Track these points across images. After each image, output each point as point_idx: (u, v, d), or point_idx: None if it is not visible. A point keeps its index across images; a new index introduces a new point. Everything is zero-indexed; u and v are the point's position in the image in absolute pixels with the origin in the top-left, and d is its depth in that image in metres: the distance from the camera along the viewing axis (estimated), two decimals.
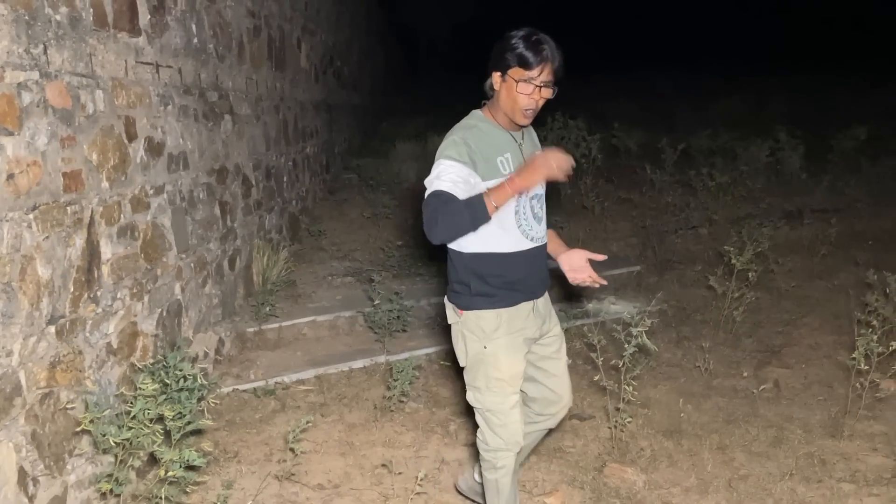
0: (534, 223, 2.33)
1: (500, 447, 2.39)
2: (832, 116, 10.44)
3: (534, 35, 2.17)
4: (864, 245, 5.99)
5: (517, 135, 2.34)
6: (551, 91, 2.21)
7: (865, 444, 3.28)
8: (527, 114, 2.22)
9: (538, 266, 2.39)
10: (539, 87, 2.17)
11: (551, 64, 2.16)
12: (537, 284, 2.40)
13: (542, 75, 2.16)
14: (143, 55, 3.27)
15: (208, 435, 3.31)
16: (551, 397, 2.52)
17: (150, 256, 3.32)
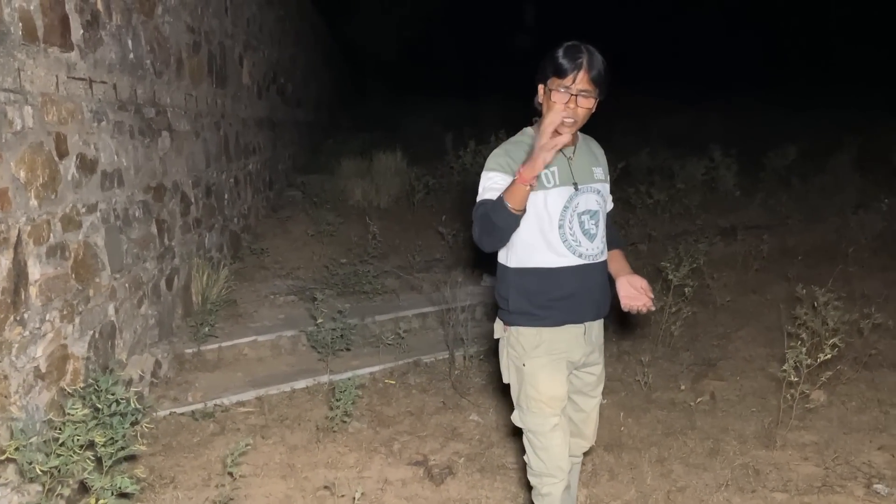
0: (583, 238, 2.23)
1: (543, 472, 2.30)
2: (764, 136, 10.86)
3: (574, 44, 2.12)
4: (795, 260, 6.22)
5: (567, 149, 2.25)
6: (590, 101, 2.12)
7: (797, 453, 3.39)
8: (566, 123, 2.11)
9: (589, 286, 2.26)
10: (574, 96, 2.10)
11: (587, 72, 2.08)
12: (587, 306, 2.27)
13: (578, 83, 2.08)
14: (75, 70, 3.19)
15: (143, 460, 3.20)
16: (573, 430, 2.43)
17: (81, 277, 3.22)
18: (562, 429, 2.30)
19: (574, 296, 2.23)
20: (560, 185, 2.20)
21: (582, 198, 2.23)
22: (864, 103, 13.51)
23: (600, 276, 2.29)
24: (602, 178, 2.31)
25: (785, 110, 13.49)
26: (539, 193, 2.18)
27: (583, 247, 2.23)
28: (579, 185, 2.23)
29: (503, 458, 3.39)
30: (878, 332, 4.51)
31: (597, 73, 2.09)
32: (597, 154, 2.36)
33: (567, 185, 2.21)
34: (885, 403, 3.85)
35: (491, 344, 4.62)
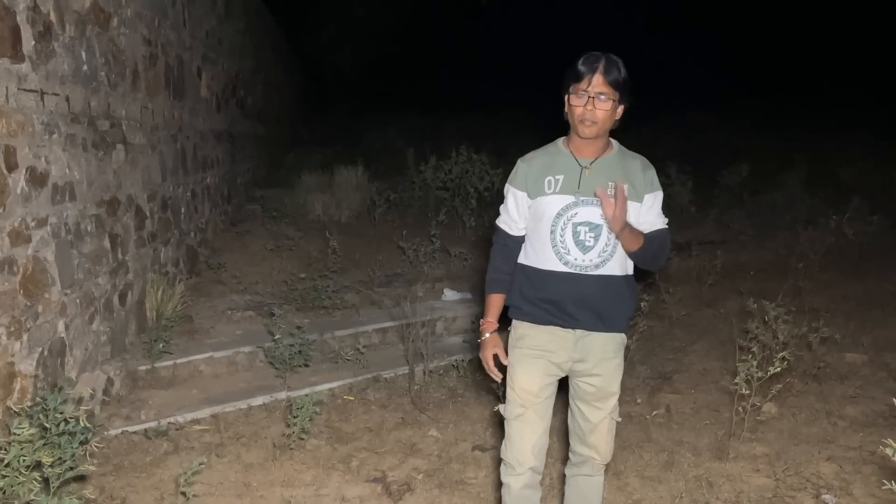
0: (573, 248, 2.27)
1: (505, 460, 2.46)
2: (717, 154, 11.13)
3: (594, 53, 2.20)
4: (747, 275, 6.37)
5: (585, 160, 2.29)
6: (608, 104, 2.17)
7: (749, 465, 3.45)
8: (585, 124, 2.19)
9: (580, 295, 2.29)
10: (592, 98, 2.16)
11: (603, 75, 2.15)
12: (580, 314, 2.30)
13: (594, 86, 2.15)
14: (26, 82, 3.12)
15: (93, 481, 3.12)
16: (583, 438, 2.48)
17: (30, 292, 3.14)
18: (527, 423, 2.38)
19: (561, 302, 2.30)
20: (559, 193, 2.27)
21: (582, 209, 2.26)
22: (813, 122, 13.95)
23: (596, 289, 2.29)
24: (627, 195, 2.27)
25: (736, 128, 13.85)
26: (540, 199, 2.30)
27: (571, 255, 2.27)
28: (582, 196, 2.26)
29: (462, 474, 3.39)
30: (827, 345, 4.63)
31: (614, 77, 2.16)
32: (630, 170, 2.31)
33: (568, 194, 2.27)
34: (834, 415, 3.96)
35: (451, 359, 4.64)
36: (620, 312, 2.36)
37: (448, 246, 6.64)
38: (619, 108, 2.24)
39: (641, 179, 2.31)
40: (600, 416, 2.43)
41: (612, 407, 2.44)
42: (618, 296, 2.33)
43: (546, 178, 2.29)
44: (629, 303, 2.38)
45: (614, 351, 2.38)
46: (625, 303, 2.36)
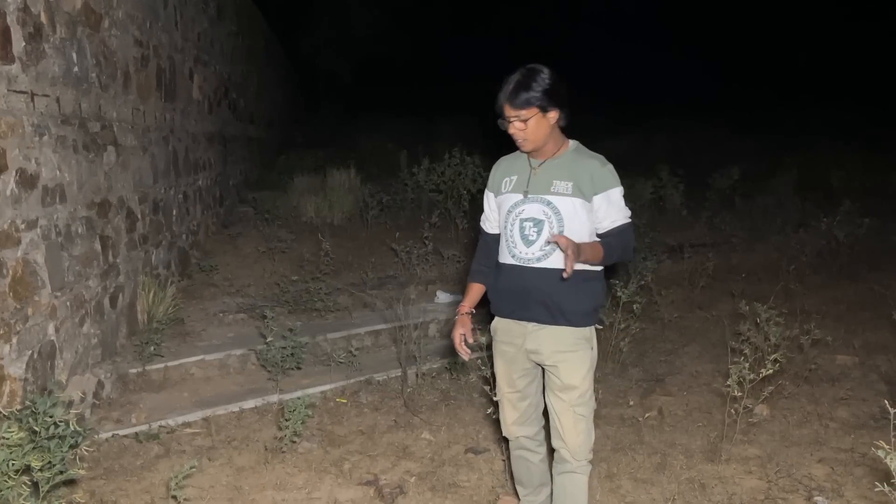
0: (519, 242, 2.44)
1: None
2: (709, 157, 11.17)
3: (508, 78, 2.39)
4: (739, 277, 6.39)
5: (536, 161, 2.48)
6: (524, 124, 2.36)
7: (741, 467, 3.46)
8: (519, 143, 2.44)
9: (527, 287, 2.43)
10: (510, 122, 2.38)
11: (509, 103, 2.35)
12: (530, 307, 2.45)
13: (507, 113, 2.37)
14: (16, 83, 3.10)
15: (83, 485, 3.10)
16: (554, 430, 2.55)
17: (19, 295, 3.11)
18: (508, 403, 2.64)
19: (514, 293, 2.48)
20: (511, 192, 2.49)
21: (528, 206, 2.43)
22: (804, 125, 14.04)
23: (540, 281, 2.42)
24: (565, 191, 2.39)
25: (728, 132, 13.92)
26: (500, 197, 2.54)
27: (517, 249, 2.45)
28: (529, 194, 2.44)
29: (455, 477, 3.38)
30: (818, 347, 4.65)
31: (521, 99, 2.32)
32: (578, 169, 2.42)
33: (518, 192, 2.47)
34: (825, 417, 3.97)
35: (443, 361, 4.64)
36: (572, 306, 2.43)
37: (441, 248, 6.63)
38: (551, 114, 2.37)
39: (588, 178, 2.40)
40: (562, 406, 2.49)
41: (576, 400, 2.47)
42: (566, 291, 2.40)
43: (505, 179, 2.54)
44: (584, 297, 2.44)
45: (572, 344, 2.45)
46: (578, 297, 2.43)
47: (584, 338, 2.47)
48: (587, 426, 2.52)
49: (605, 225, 2.41)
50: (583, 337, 2.47)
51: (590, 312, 2.48)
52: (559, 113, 2.39)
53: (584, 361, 2.47)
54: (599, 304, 2.53)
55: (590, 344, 2.50)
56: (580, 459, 2.53)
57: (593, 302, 2.48)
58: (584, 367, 2.46)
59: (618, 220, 2.41)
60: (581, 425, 2.50)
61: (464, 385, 4.43)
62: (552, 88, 2.34)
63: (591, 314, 2.49)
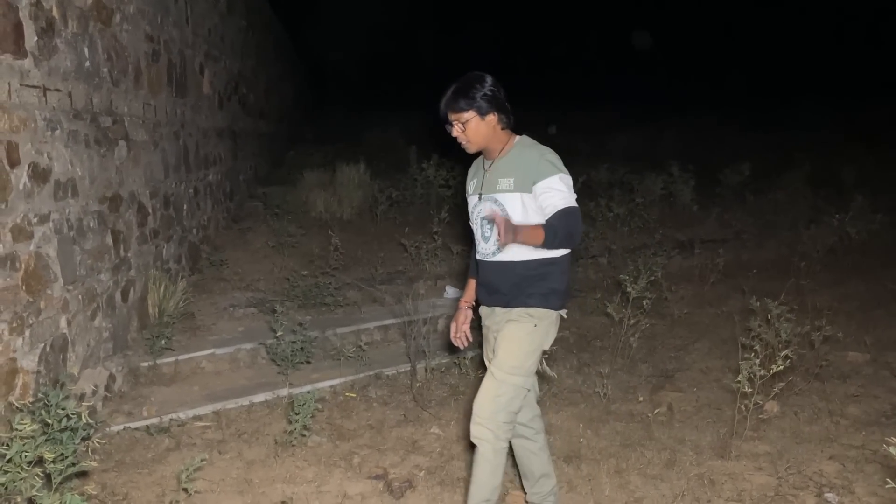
0: (481, 240, 2.67)
1: None
2: (719, 153, 11.12)
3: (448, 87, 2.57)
4: (749, 274, 6.37)
5: (488, 163, 2.65)
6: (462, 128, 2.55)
7: (751, 463, 3.45)
8: (463, 145, 2.62)
9: (488, 278, 2.66)
10: (453, 127, 2.57)
11: (446, 110, 2.56)
12: (486, 294, 2.70)
13: (448, 116, 2.57)
14: (28, 78, 3.12)
15: (95, 477, 3.12)
16: None
17: (32, 288, 3.14)
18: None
19: (483, 285, 2.71)
20: (472, 194, 2.70)
21: (483, 205, 2.61)
22: (816, 121, 13.95)
23: (497, 274, 2.62)
24: (507, 188, 2.52)
25: (738, 127, 13.84)
26: (468, 199, 2.73)
27: (480, 245, 2.68)
28: (483, 195, 2.62)
29: (464, 471, 3.38)
30: (829, 344, 4.63)
31: (457, 106, 2.52)
32: (518, 164, 2.54)
33: (476, 194, 2.67)
34: (836, 414, 3.95)
35: (453, 357, 4.64)
36: (529, 290, 2.57)
37: (450, 243, 6.63)
38: (489, 118, 2.54)
39: (528, 170, 2.50)
40: (490, 365, 2.62)
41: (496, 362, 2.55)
42: (521, 280, 2.56)
43: (470, 182, 2.76)
44: (540, 282, 2.56)
45: (516, 315, 2.58)
46: (533, 282, 2.56)
47: (529, 314, 2.56)
48: (494, 390, 2.52)
49: (548, 211, 2.46)
50: (528, 314, 2.56)
51: (545, 294, 2.56)
52: (497, 116, 2.54)
53: (518, 331, 2.55)
54: (557, 289, 2.58)
55: (534, 321, 2.55)
56: (480, 422, 2.53)
57: (549, 285, 2.57)
58: (515, 336, 2.55)
59: (559, 204, 2.44)
60: (487, 384, 2.54)
61: (473, 380, 4.43)
62: (489, 94, 2.51)
63: (545, 296, 2.56)
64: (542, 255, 2.54)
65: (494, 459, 2.54)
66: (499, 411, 2.51)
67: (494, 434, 2.52)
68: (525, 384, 2.57)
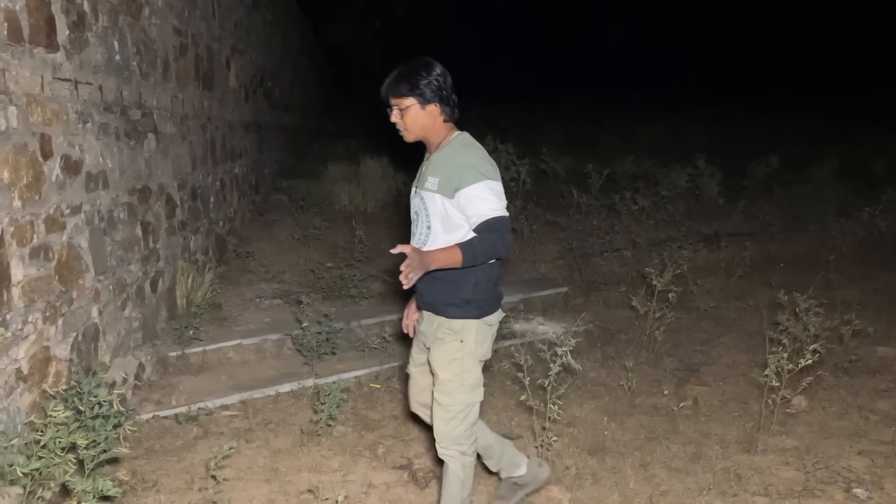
0: (413, 234, 2.58)
1: None
2: (746, 145, 10.97)
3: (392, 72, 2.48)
4: (777, 267, 6.30)
5: (427, 156, 2.58)
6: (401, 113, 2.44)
7: (778, 458, 3.42)
8: (401, 133, 2.51)
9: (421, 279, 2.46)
10: (392, 112, 2.47)
11: (388, 92, 2.45)
12: (418, 294, 2.62)
13: (390, 103, 2.46)
14: (60, 71, 3.17)
15: (125, 464, 3.18)
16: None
17: (65, 278, 3.20)
18: (412, 378, 2.79)
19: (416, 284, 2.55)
20: (413, 187, 2.63)
21: (415, 200, 2.57)
22: (845, 113, 13.70)
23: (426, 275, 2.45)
24: (432, 187, 2.42)
25: (766, 120, 13.65)
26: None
27: (411, 240, 2.55)
28: (417, 188, 2.57)
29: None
30: (858, 338, 4.57)
31: (399, 90, 2.42)
32: (448, 165, 2.41)
33: (414, 187, 2.61)
34: (865, 409, 3.91)
35: None
36: (439, 299, 2.48)
37: None
38: (430, 107, 2.42)
39: (453, 174, 2.38)
40: (435, 393, 2.56)
41: (437, 386, 2.53)
42: (436, 282, 2.45)
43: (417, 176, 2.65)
44: (451, 290, 2.45)
45: (441, 333, 2.50)
46: (444, 290, 2.46)
47: (450, 329, 2.47)
48: (444, 415, 2.52)
49: (473, 220, 2.35)
50: (450, 328, 2.48)
51: (459, 304, 2.45)
52: (440, 107, 2.42)
53: (448, 351, 2.48)
54: (468, 297, 2.45)
55: (458, 336, 2.47)
56: (444, 446, 2.57)
57: (460, 294, 2.44)
58: (445, 356, 2.48)
59: (485, 214, 2.32)
60: (438, 412, 2.54)
61: (496, 373, 4.44)
62: (435, 83, 2.40)
63: (460, 306, 2.45)
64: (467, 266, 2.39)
65: (463, 473, 2.60)
66: (456, 430, 2.54)
67: (460, 451, 2.57)
68: (473, 398, 2.54)
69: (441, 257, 2.27)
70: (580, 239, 6.80)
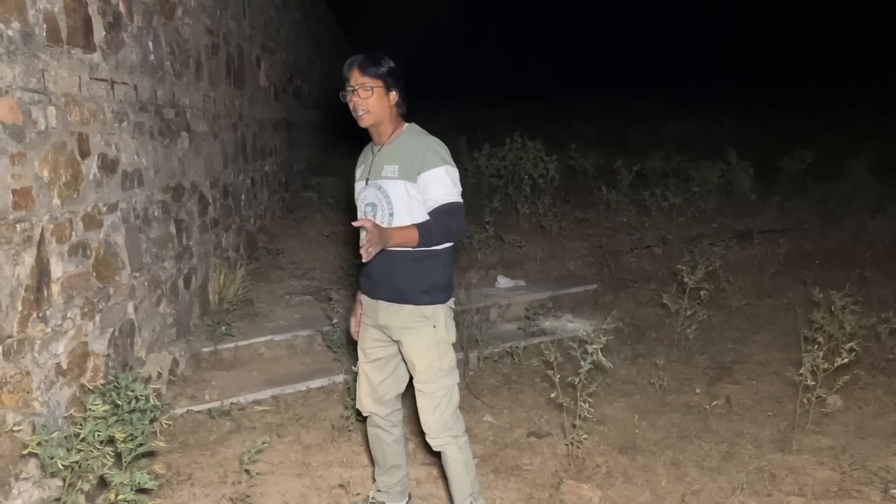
0: None
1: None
2: (779, 140, 10.78)
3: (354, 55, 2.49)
4: (811, 264, 6.19)
5: (377, 148, 2.56)
6: (368, 92, 2.42)
7: (813, 458, 3.37)
8: (358, 115, 2.46)
9: (371, 268, 2.53)
10: (355, 90, 2.43)
11: (359, 69, 2.43)
12: (378, 286, 2.56)
13: (353, 80, 2.43)
14: (97, 71, 3.23)
15: (161, 457, 3.24)
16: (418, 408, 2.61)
17: (102, 275, 3.26)
18: (363, 375, 2.71)
19: (367, 274, 2.60)
20: (359, 180, 2.60)
21: (368, 191, 2.52)
22: (879, 107, 13.39)
23: (380, 263, 2.46)
24: (392, 175, 2.45)
25: (799, 114, 13.40)
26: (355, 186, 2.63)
27: (362, 232, 2.41)
28: (370, 180, 2.53)
29: (517, 459, 3.40)
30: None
31: (370, 70, 2.42)
32: (405, 151, 2.46)
33: (362, 179, 2.57)
34: None
35: (505, 346, 4.64)
36: (407, 285, 2.49)
37: (502, 233, 6.62)
38: (392, 94, 2.48)
39: (413, 159, 2.43)
40: (418, 386, 2.56)
41: (419, 377, 2.54)
42: (404, 270, 2.48)
43: (357, 169, 2.65)
44: (419, 276, 2.49)
45: (412, 321, 2.51)
46: (412, 276, 2.48)
47: (422, 316, 2.50)
48: (430, 404, 2.54)
49: (430, 204, 2.42)
50: (422, 315, 2.50)
51: (428, 290, 2.50)
52: (398, 97, 2.49)
53: (423, 338, 2.51)
54: (439, 282, 2.53)
55: (431, 322, 2.51)
56: (435, 436, 2.57)
57: (430, 280, 2.50)
58: (422, 344, 2.51)
59: (442, 199, 2.40)
60: (423, 402, 2.56)
61: (525, 370, 4.43)
62: (397, 72, 2.48)
63: (429, 292, 2.51)
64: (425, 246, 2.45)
65: (462, 455, 2.62)
66: (444, 415, 2.56)
67: (452, 435, 2.58)
68: (452, 380, 2.59)
69: (399, 234, 2.33)
70: (609, 236, 6.76)
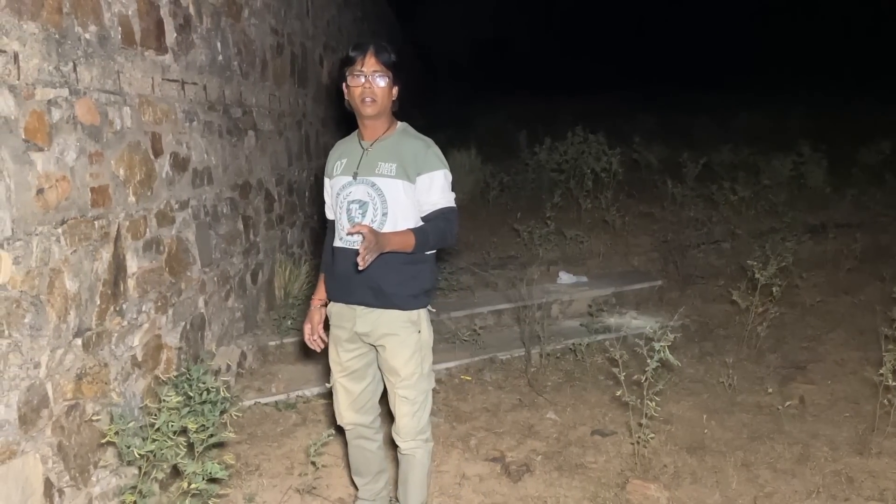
0: (346, 224, 2.41)
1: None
2: (854, 130, 10.34)
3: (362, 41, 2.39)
4: (890, 260, 5.91)
5: (367, 143, 2.44)
6: (384, 80, 2.32)
7: (894, 462, 3.22)
8: (366, 102, 2.32)
9: (351, 270, 2.32)
10: (368, 77, 2.30)
11: (375, 56, 2.30)
12: (355, 289, 2.42)
13: (367, 66, 2.30)
14: (169, 72, 3.33)
15: (230, 448, 3.32)
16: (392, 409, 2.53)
17: (174, 270, 3.36)
18: (340, 387, 2.60)
19: (341, 276, 2.44)
20: (341, 175, 2.45)
21: (356, 188, 2.40)
22: None
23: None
24: (389, 173, 2.35)
25: (875, 104, 12.80)
26: (332, 181, 2.51)
27: (344, 231, 2.41)
28: (358, 176, 2.39)
29: (581, 458, 3.36)
30: None
31: (385, 58, 2.32)
32: (403, 150, 2.38)
33: (347, 174, 2.42)
34: None
35: (567, 342, 4.59)
36: (396, 290, 2.39)
37: (563, 228, 6.55)
38: (395, 89, 2.39)
39: (414, 161, 2.36)
40: (390, 387, 2.50)
41: (399, 383, 2.46)
42: (392, 272, 2.36)
43: (337, 162, 2.50)
44: (409, 281, 2.40)
45: (398, 327, 2.42)
46: (402, 280, 2.39)
47: (409, 321, 2.43)
48: (410, 409, 2.47)
49: (425, 208, 2.36)
50: (408, 320, 2.43)
51: (416, 295, 2.44)
52: (398, 93, 2.41)
53: (408, 345, 2.44)
54: (427, 288, 2.48)
55: (416, 327, 2.45)
56: (406, 440, 2.50)
57: (419, 285, 2.43)
58: (407, 351, 2.44)
59: (439, 203, 2.35)
60: (404, 408, 2.48)
61: (588, 367, 4.37)
62: (401, 66, 2.39)
63: (417, 297, 2.44)
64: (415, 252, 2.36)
65: (427, 460, 2.58)
66: (421, 420, 2.51)
67: (423, 439, 2.54)
68: (430, 384, 2.55)
69: (396, 240, 2.25)
70: (675, 230, 6.60)
